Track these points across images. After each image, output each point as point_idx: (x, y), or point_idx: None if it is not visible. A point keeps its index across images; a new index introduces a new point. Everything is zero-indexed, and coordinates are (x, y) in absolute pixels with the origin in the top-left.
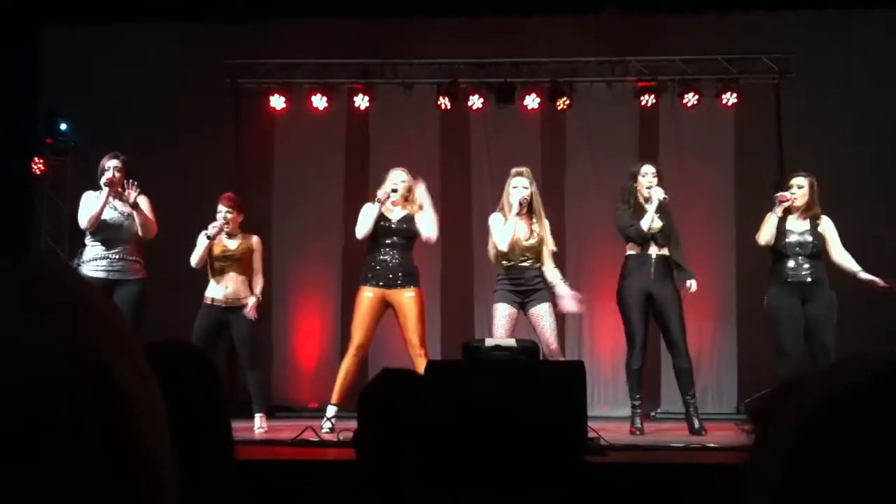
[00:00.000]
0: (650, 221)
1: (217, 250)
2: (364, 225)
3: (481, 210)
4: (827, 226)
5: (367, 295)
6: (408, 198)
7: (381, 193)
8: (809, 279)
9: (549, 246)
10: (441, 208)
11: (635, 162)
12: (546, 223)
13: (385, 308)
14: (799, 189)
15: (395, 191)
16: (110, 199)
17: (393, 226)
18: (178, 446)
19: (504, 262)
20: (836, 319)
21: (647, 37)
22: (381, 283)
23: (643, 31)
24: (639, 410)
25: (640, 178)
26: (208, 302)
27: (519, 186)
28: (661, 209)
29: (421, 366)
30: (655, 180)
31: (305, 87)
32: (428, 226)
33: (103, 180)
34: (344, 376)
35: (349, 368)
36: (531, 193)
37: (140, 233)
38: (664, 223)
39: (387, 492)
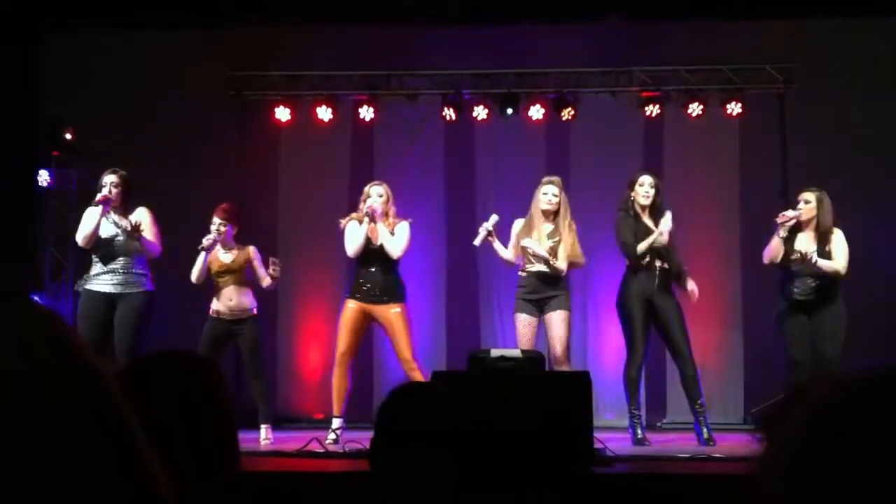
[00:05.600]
0: (647, 247)
1: (214, 266)
2: (355, 244)
3: (486, 219)
4: (837, 242)
5: (350, 306)
6: (388, 212)
7: (365, 208)
8: (814, 297)
9: (569, 250)
10: (446, 219)
11: (638, 171)
12: (573, 233)
13: (369, 320)
14: (806, 204)
15: (375, 211)
16: (108, 214)
17: (377, 247)
18: (184, 456)
19: (522, 265)
20: (842, 331)
21: (651, 46)
22: (364, 299)
23: (647, 41)
24: (638, 419)
25: (637, 187)
26: (214, 315)
27: (549, 194)
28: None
29: (416, 379)
30: (652, 191)
31: (310, 98)
32: (393, 245)
33: (97, 198)
34: (337, 386)
35: (339, 377)
36: (558, 203)
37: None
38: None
39: (398, 499)
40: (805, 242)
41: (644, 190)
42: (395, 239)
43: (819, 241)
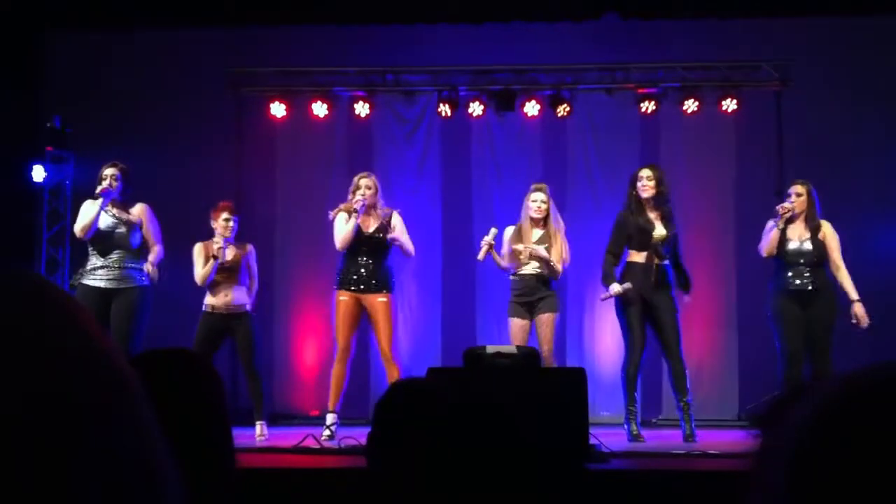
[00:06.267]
0: (612, 285)
1: (211, 263)
2: (344, 237)
3: (483, 216)
4: (828, 233)
5: (342, 299)
6: (375, 203)
7: (355, 203)
8: (810, 287)
9: (561, 253)
10: (442, 215)
11: (639, 166)
12: (561, 237)
13: (362, 310)
14: (798, 197)
15: (362, 206)
16: (106, 207)
17: (366, 235)
18: (179, 453)
19: (513, 270)
20: (835, 322)
21: (648, 43)
22: (353, 288)
23: (643, 38)
24: (634, 416)
25: (637, 182)
26: (208, 310)
27: (538, 201)
28: (667, 219)
29: (391, 374)
30: (652, 183)
31: (306, 94)
32: (405, 249)
33: (98, 190)
34: (335, 383)
35: (338, 374)
36: (547, 209)
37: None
38: (668, 233)
39: (395, 495)
40: (797, 233)
41: (643, 183)
42: (402, 234)
43: (811, 232)
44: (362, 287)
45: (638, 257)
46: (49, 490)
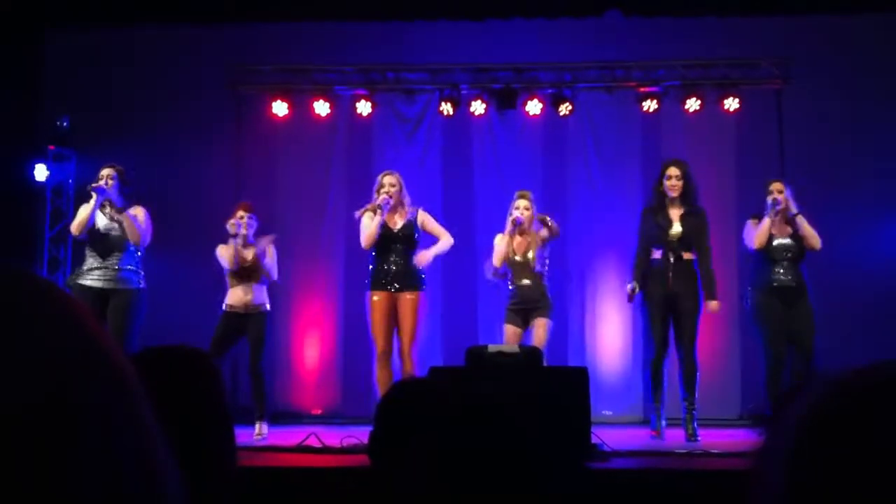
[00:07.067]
0: (632, 282)
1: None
2: (369, 236)
3: (484, 214)
4: (807, 226)
5: (376, 299)
6: (402, 201)
7: (380, 200)
8: (794, 284)
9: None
10: (443, 214)
11: (666, 161)
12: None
13: (396, 308)
14: (780, 193)
15: (388, 202)
16: (104, 208)
17: (394, 233)
18: (179, 452)
19: (510, 279)
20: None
21: (648, 41)
22: (386, 287)
23: (644, 35)
24: (658, 413)
25: (664, 180)
26: (227, 309)
27: (521, 207)
28: (690, 217)
29: (405, 370)
30: (680, 183)
31: (306, 92)
32: (444, 235)
33: (92, 185)
34: (384, 386)
35: (384, 379)
36: (529, 216)
37: (129, 239)
38: (685, 230)
39: (397, 494)
40: (778, 229)
41: (671, 182)
42: (439, 230)
43: (792, 230)
44: (397, 286)
45: (658, 254)
46: (49, 490)
